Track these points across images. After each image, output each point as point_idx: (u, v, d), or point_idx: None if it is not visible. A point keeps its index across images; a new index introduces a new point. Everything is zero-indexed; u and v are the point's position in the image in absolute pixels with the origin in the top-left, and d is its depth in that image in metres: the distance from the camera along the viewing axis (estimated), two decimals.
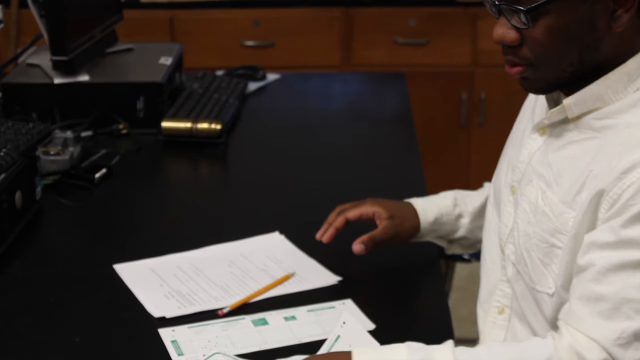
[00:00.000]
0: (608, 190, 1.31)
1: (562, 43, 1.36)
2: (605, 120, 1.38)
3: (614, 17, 1.34)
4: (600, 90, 1.38)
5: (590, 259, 1.32)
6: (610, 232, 1.30)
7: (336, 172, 2.17)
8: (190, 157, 2.34)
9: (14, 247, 1.81)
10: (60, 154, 2.11)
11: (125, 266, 1.76)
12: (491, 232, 1.62)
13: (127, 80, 2.48)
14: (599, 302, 1.30)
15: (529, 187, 1.48)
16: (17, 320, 1.60)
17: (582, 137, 1.40)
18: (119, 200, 2.08)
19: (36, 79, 2.43)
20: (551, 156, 1.45)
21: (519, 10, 1.34)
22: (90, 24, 2.53)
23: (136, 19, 3.48)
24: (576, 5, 1.33)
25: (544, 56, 1.38)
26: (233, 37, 3.79)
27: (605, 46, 1.36)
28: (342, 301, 1.63)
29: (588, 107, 1.39)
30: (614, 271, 1.29)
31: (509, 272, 1.54)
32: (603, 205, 1.32)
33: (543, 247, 1.43)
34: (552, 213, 1.41)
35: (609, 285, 1.29)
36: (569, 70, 1.39)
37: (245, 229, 1.90)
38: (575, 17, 1.34)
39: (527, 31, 1.36)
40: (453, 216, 1.78)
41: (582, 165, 1.38)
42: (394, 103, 2.72)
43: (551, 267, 1.42)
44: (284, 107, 2.71)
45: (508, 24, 1.38)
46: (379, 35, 3.76)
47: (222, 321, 1.57)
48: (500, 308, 1.56)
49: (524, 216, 1.48)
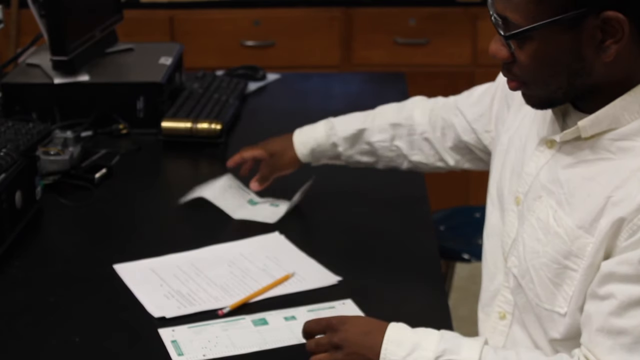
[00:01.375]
0: (629, 220, 1.30)
1: (547, 69, 1.36)
2: (621, 142, 1.36)
3: (602, 47, 1.32)
4: (616, 112, 1.36)
5: (609, 290, 1.32)
6: (628, 265, 1.29)
7: (335, 172, 2.17)
8: (190, 157, 2.34)
9: (14, 247, 1.81)
10: (60, 154, 2.11)
11: (125, 266, 1.76)
12: (494, 236, 1.60)
13: (127, 80, 2.48)
14: (620, 336, 1.30)
15: (537, 202, 1.46)
16: (17, 320, 1.60)
17: (595, 157, 1.38)
18: (119, 200, 2.08)
19: (36, 79, 2.43)
20: (561, 173, 1.43)
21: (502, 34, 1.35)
22: (90, 24, 2.53)
23: (136, 19, 3.47)
24: (560, 35, 1.32)
25: (531, 78, 1.38)
26: (233, 37, 3.79)
27: (596, 73, 1.34)
28: (342, 301, 1.63)
29: (602, 128, 1.37)
30: (635, 305, 1.29)
31: (510, 282, 1.53)
32: (622, 234, 1.31)
33: (554, 267, 1.41)
34: (566, 236, 1.39)
35: (630, 319, 1.29)
36: (560, 92, 1.38)
37: (245, 229, 1.90)
38: (559, 45, 1.33)
39: (515, 52, 1.36)
40: (328, 144, 1.96)
41: (598, 188, 1.36)
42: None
43: (563, 287, 1.40)
44: (284, 107, 2.70)
45: (502, 41, 1.38)
46: (379, 35, 3.76)
47: (222, 321, 1.57)
48: (502, 314, 1.56)
49: (532, 232, 1.46)
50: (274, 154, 2.01)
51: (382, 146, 1.92)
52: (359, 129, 1.93)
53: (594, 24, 1.30)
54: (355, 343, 1.40)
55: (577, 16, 1.29)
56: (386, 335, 1.39)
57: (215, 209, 1.97)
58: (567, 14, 1.29)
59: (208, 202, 1.98)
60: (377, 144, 1.92)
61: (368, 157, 1.95)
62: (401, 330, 1.41)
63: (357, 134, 1.93)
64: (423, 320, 1.59)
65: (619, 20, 1.29)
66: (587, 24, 1.30)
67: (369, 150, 1.94)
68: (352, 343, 1.40)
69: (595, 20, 1.29)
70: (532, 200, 1.47)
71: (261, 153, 2.03)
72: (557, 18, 1.30)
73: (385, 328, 1.40)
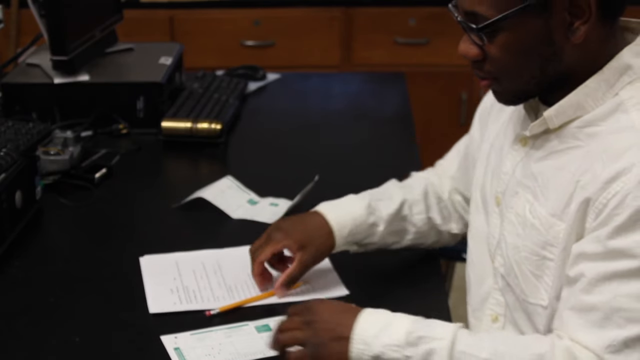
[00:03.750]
0: (594, 199, 1.32)
1: (520, 58, 1.37)
2: (588, 129, 1.38)
3: (571, 30, 1.34)
4: (580, 99, 1.38)
5: (579, 270, 1.33)
6: (597, 242, 1.31)
7: (336, 172, 2.17)
8: (190, 157, 2.34)
9: (14, 247, 1.81)
10: (60, 153, 2.11)
11: (150, 258, 1.77)
12: (480, 240, 1.61)
13: (127, 80, 2.48)
14: (590, 312, 1.31)
15: (514, 199, 1.48)
16: (17, 320, 1.60)
17: (564, 146, 1.40)
18: (119, 200, 2.08)
19: (36, 79, 2.43)
20: (534, 167, 1.45)
21: (473, 28, 1.36)
22: (90, 23, 2.53)
23: (136, 18, 3.47)
24: (530, 21, 1.33)
25: (504, 71, 1.40)
26: (233, 37, 3.79)
27: (567, 57, 1.36)
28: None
29: (569, 117, 1.39)
30: (604, 281, 1.30)
31: (499, 282, 1.54)
32: (590, 215, 1.33)
33: (534, 259, 1.43)
34: (542, 226, 1.41)
35: (599, 295, 1.30)
36: (532, 83, 1.40)
37: (243, 229, 1.90)
38: (530, 33, 1.34)
39: (486, 47, 1.38)
40: (367, 225, 1.70)
41: (568, 175, 1.38)
42: (394, 103, 2.72)
43: (543, 279, 1.42)
44: (284, 107, 2.71)
45: (470, 39, 1.40)
46: (379, 35, 3.76)
47: (225, 327, 1.56)
48: (494, 316, 1.56)
49: (512, 228, 1.48)
50: (305, 245, 1.65)
51: (420, 219, 1.75)
52: (401, 202, 1.73)
53: (562, 6, 1.32)
54: (328, 320, 1.41)
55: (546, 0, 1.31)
56: (361, 313, 1.41)
57: (214, 209, 1.97)
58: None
59: (207, 202, 1.98)
60: (416, 217, 1.74)
61: (394, 237, 1.74)
62: (377, 311, 1.42)
63: (399, 209, 1.73)
64: (422, 316, 1.60)
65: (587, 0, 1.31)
66: (555, 7, 1.32)
67: (399, 229, 1.74)
68: (325, 320, 1.41)
69: (563, 2, 1.32)
70: (510, 197, 1.49)
71: (289, 245, 1.65)
72: (527, 4, 1.32)
73: (361, 309, 1.42)
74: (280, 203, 1.99)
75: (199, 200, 1.99)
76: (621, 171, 1.29)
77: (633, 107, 1.35)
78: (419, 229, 1.75)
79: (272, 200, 2.01)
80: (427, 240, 1.78)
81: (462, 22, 1.39)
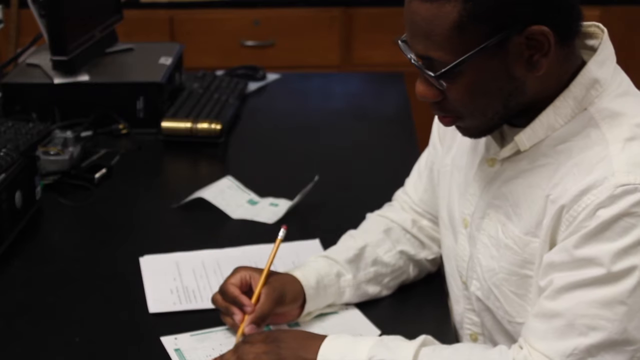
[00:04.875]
0: (565, 211, 1.31)
1: (482, 98, 1.34)
2: (558, 146, 1.36)
3: (532, 62, 1.31)
4: (550, 119, 1.36)
5: (549, 280, 1.32)
6: (564, 252, 1.30)
7: (336, 172, 2.17)
8: (190, 157, 2.34)
9: (14, 247, 1.81)
10: (60, 153, 2.11)
11: (150, 258, 1.77)
12: (450, 258, 1.60)
13: (127, 80, 2.48)
14: (554, 319, 1.30)
15: (485, 220, 1.47)
16: (17, 320, 1.60)
17: (534, 164, 1.39)
18: (119, 200, 2.08)
19: (36, 79, 2.43)
20: (505, 187, 1.43)
21: (431, 75, 1.33)
22: (90, 23, 2.53)
23: (136, 18, 3.47)
24: (489, 61, 1.30)
25: (466, 111, 1.36)
26: (233, 37, 3.79)
27: (529, 89, 1.34)
28: (346, 307, 1.63)
29: (539, 138, 1.37)
30: (569, 289, 1.29)
31: (474, 305, 1.53)
32: (561, 227, 1.32)
33: (514, 279, 1.42)
34: (516, 245, 1.40)
35: (563, 302, 1.29)
36: (496, 117, 1.37)
37: (243, 230, 1.90)
38: (490, 73, 1.31)
39: (446, 91, 1.34)
40: (332, 275, 1.60)
41: (539, 191, 1.37)
42: (394, 103, 2.72)
43: (528, 296, 1.41)
44: (284, 107, 2.71)
45: (427, 81, 1.36)
46: (379, 35, 3.75)
47: (224, 328, 1.55)
48: (473, 336, 1.56)
49: (485, 251, 1.47)
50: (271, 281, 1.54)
51: (390, 256, 1.66)
52: (360, 248, 1.65)
53: (519, 41, 1.29)
54: (293, 346, 1.40)
55: (502, 39, 1.28)
56: (325, 339, 1.40)
57: (214, 208, 1.97)
58: (492, 39, 1.28)
59: (207, 202, 1.98)
60: (386, 256, 1.66)
61: (373, 285, 1.64)
62: (340, 336, 1.41)
63: (359, 253, 1.64)
64: (423, 320, 1.60)
65: (543, 32, 1.28)
66: (512, 44, 1.29)
67: (375, 275, 1.64)
68: (290, 346, 1.40)
69: (519, 38, 1.28)
70: (480, 219, 1.48)
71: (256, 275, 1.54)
72: (483, 46, 1.28)
73: (325, 336, 1.41)
74: (280, 203, 1.99)
75: (199, 200, 1.99)
76: (592, 184, 1.28)
77: (602, 120, 1.34)
78: (394, 267, 1.66)
79: (272, 201, 2.01)
80: (409, 274, 1.69)
81: (418, 65, 1.35)
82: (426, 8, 1.29)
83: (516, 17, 1.27)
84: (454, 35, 1.28)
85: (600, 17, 3.62)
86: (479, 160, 1.49)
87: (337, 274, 1.60)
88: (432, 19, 1.29)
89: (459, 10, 1.27)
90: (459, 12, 1.27)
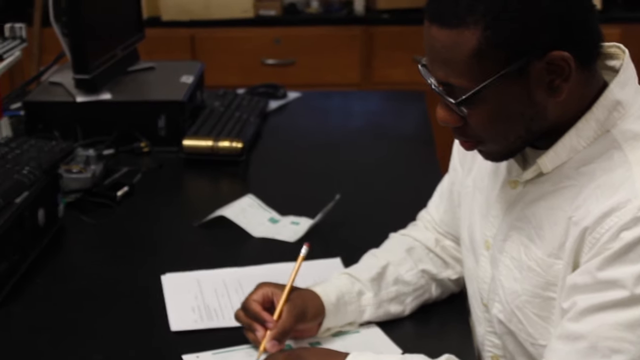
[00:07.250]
0: (589, 233, 1.30)
1: (503, 124, 1.34)
2: (581, 168, 1.36)
3: (552, 87, 1.30)
4: (572, 141, 1.36)
5: (573, 302, 1.31)
6: (587, 274, 1.29)
7: (357, 191, 2.17)
8: (211, 176, 2.35)
9: (37, 264, 1.82)
10: (82, 171, 2.12)
11: (172, 276, 1.77)
12: (472, 280, 1.59)
13: (149, 99, 2.49)
14: (577, 341, 1.29)
15: (508, 242, 1.46)
16: (38, 337, 1.60)
17: (557, 187, 1.38)
18: (141, 218, 2.08)
19: (59, 97, 2.45)
20: (527, 210, 1.43)
21: (452, 102, 1.33)
22: (112, 42, 2.55)
23: (158, 37, 3.50)
24: (509, 87, 1.29)
25: (487, 136, 1.36)
26: (254, 56, 3.81)
27: (550, 113, 1.33)
28: (367, 327, 1.62)
29: (562, 160, 1.37)
30: (592, 311, 1.28)
31: (496, 327, 1.52)
32: (585, 248, 1.31)
33: (537, 302, 1.41)
34: (539, 268, 1.40)
35: (587, 325, 1.28)
36: (518, 142, 1.37)
37: (264, 248, 1.90)
38: (511, 98, 1.30)
39: (468, 115, 1.34)
40: (354, 294, 1.59)
41: (562, 214, 1.36)
42: (415, 122, 2.72)
43: (551, 318, 1.40)
44: (305, 125, 2.71)
45: (448, 107, 1.36)
46: (399, 53, 3.76)
47: (246, 347, 1.54)
48: (495, 358, 1.55)
49: (507, 273, 1.46)
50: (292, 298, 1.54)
51: (412, 275, 1.65)
52: (382, 266, 1.64)
53: (540, 67, 1.28)
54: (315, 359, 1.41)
55: (522, 65, 1.28)
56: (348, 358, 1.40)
57: (235, 227, 1.97)
58: (512, 66, 1.27)
59: (228, 220, 1.98)
60: (407, 274, 1.65)
61: (395, 305, 1.63)
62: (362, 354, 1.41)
63: (381, 272, 1.64)
64: (444, 339, 1.59)
65: (564, 57, 1.28)
66: (533, 69, 1.28)
67: (397, 295, 1.63)
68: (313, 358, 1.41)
69: (540, 63, 1.28)
70: (502, 242, 1.47)
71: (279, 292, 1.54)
72: (504, 72, 1.28)
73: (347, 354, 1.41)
74: (301, 222, 1.99)
75: (220, 218, 1.99)
76: (615, 206, 1.27)
77: (625, 142, 1.33)
78: (416, 286, 1.65)
79: (293, 219, 2.01)
80: (431, 294, 1.68)
81: (439, 91, 1.35)
82: (446, 34, 1.29)
83: (536, 43, 1.27)
84: (473, 63, 1.28)
85: (620, 35, 3.61)
86: (501, 182, 1.49)
87: (359, 292, 1.60)
88: (451, 46, 1.29)
89: (478, 37, 1.27)
90: (478, 39, 1.27)
